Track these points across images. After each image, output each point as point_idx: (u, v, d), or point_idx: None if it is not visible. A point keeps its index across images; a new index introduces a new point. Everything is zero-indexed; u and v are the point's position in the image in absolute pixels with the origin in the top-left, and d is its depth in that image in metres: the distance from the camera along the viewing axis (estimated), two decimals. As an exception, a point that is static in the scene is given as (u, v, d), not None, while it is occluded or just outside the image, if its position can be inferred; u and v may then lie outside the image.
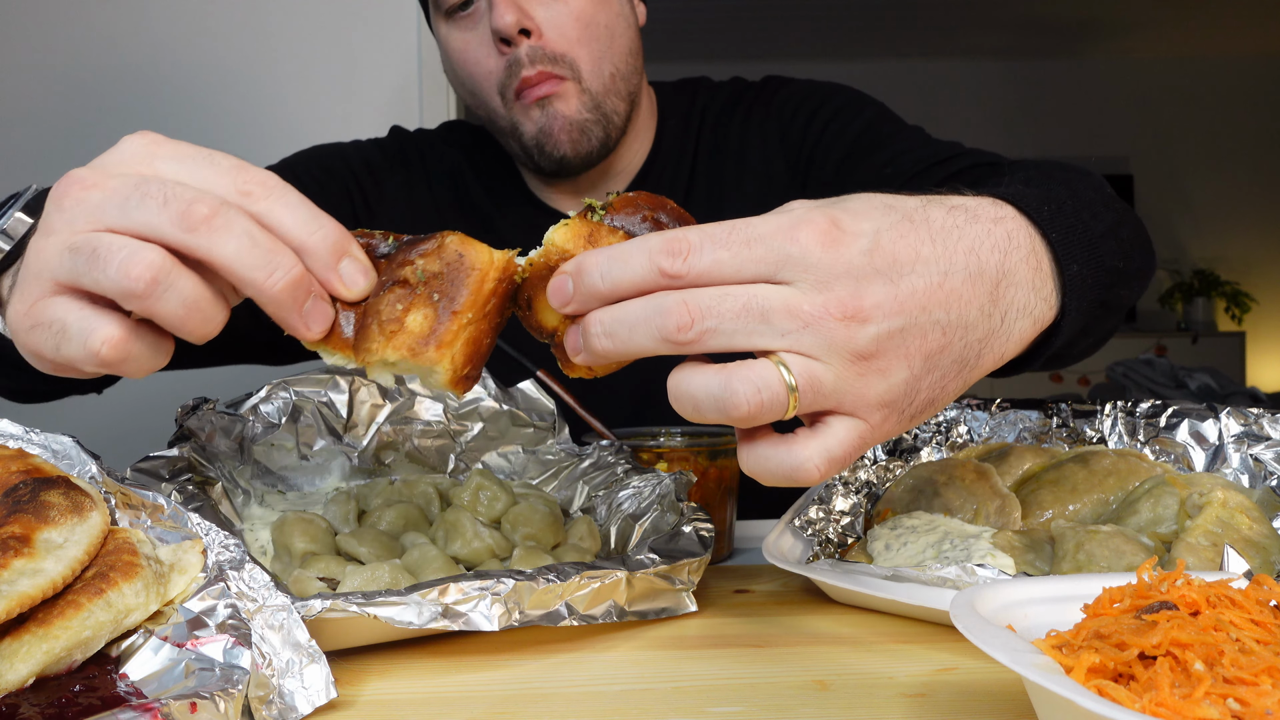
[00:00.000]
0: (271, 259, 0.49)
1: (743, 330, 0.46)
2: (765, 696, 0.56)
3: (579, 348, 0.51)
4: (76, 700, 0.49)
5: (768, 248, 0.47)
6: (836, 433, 0.48)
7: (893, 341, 0.47)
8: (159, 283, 0.48)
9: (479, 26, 1.08)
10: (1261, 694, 0.39)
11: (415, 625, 0.58)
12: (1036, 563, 0.73)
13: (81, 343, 0.50)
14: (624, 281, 0.48)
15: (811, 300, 0.46)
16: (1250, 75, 5.96)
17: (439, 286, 0.52)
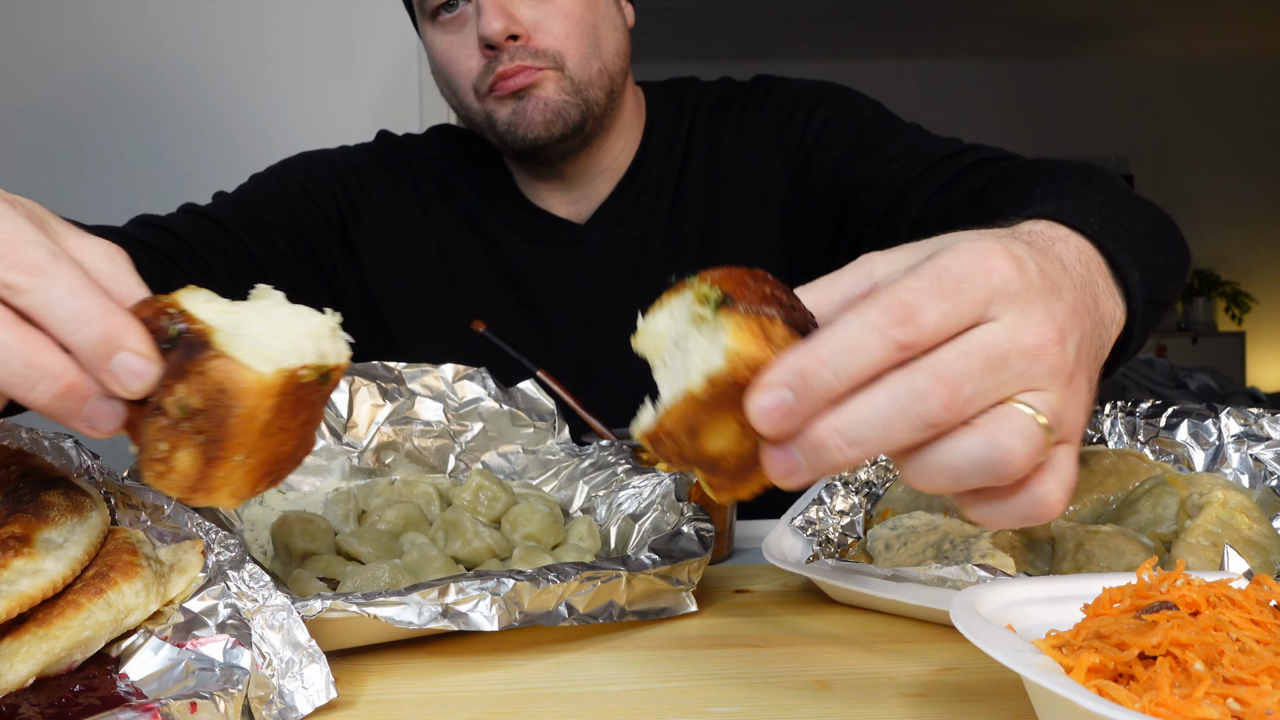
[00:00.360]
0: (31, 374, 0.45)
1: (993, 385, 0.43)
2: (765, 696, 0.56)
3: (795, 467, 0.44)
4: (76, 700, 0.49)
5: (976, 287, 0.44)
6: (1063, 459, 0.45)
7: (1080, 355, 0.46)
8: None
9: (464, 30, 1.08)
10: (1261, 694, 0.39)
11: (415, 625, 0.58)
12: (1036, 563, 0.73)
13: None
14: (862, 372, 0.42)
15: (1029, 331, 0.44)
16: (1250, 75, 5.97)
17: (202, 425, 0.45)
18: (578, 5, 1.07)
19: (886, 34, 5.46)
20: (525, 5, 1.05)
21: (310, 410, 0.48)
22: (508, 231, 1.20)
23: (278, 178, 1.18)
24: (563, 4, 1.06)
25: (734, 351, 0.43)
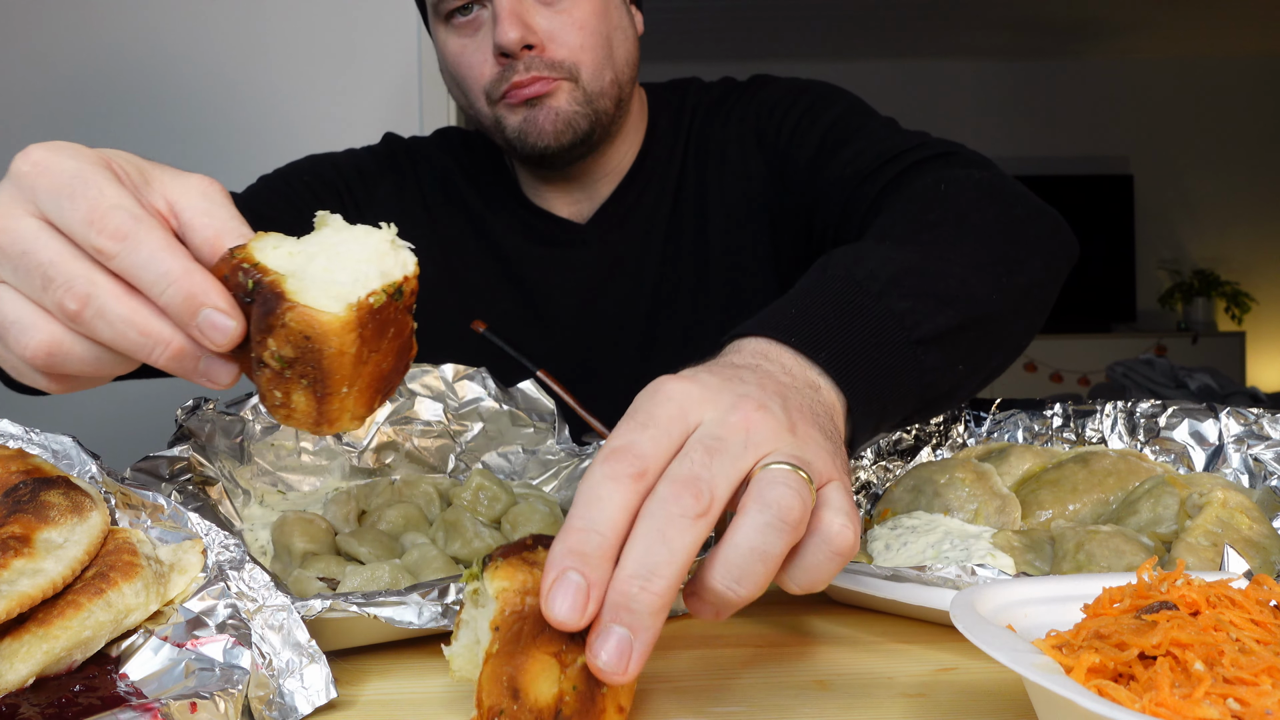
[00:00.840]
0: (145, 340, 0.50)
1: (728, 465, 0.47)
2: (765, 696, 0.56)
3: (625, 643, 0.44)
4: (76, 700, 0.49)
5: (666, 407, 0.49)
6: (834, 494, 0.50)
7: (791, 412, 0.51)
8: (54, 355, 0.51)
9: (478, 34, 1.08)
10: (1261, 694, 0.39)
11: (415, 625, 0.58)
12: (1036, 563, 0.73)
13: (31, 380, 0.54)
14: (618, 516, 0.45)
15: (728, 412, 0.49)
16: (1250, 75, 5.96)
17: (302, 370, 0.48)
18: (593, 16, 1.07)
19: (886, 34, 5.45)
20: (541, 15, 1.06)
21: (396, 326, 0.50)
22: (509, 232, 1.21)
23: (285, 178, 1.19)
24: (578, 15, 1.07)
25: (501, 588, 0.45)
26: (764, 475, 0.47)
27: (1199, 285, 5.90)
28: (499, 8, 1.04)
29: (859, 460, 0.89)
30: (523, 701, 0.46)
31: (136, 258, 0.49)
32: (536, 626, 0.46)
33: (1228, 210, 6.02)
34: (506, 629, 0.46)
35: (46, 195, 0.51)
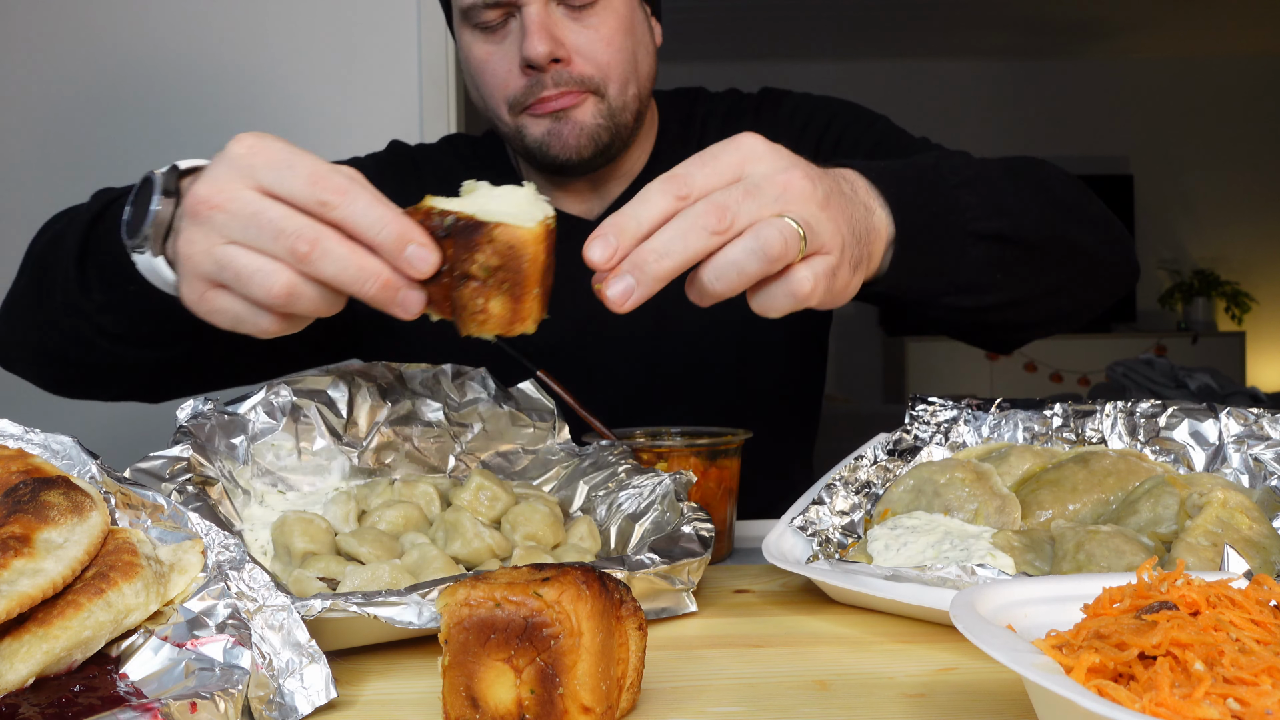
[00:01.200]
0: (361, 273, 0.63)
1: (755, 206, 0.62)
2: (765, 696, 0.56)
3: (628, 286, 0.61)
4: (76, 700, 0.49)
5: (730, 154, 0.64)
6: (819, 261, 0.65)
7: (831, 195, 0.66)
8: (292, 294, 0.64)
9: (504, 43, 1.08)
10: (1261, 694, 0.39)
11: (415, 625, 0.58)
12: (1036, 563, 0.73)
13: (255, 325, 0.67)
14: (654, 217, 0.62)
15: (779, 172, 0.64)
16: (1250, 75, 5.96)
17: (505, 277, 0.63)
18: (619, 32, 1.08)
19: (886, 34, 5.45)
20: (569, 29, 1.06)
21: (552, 259, 0.65)
22: None
23: None
24: (606, 30, 1.07)
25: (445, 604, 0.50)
26: (773, 220, 0.62)
27: (1199, 285, 5.90)
28: (528, 20, 1.04)
29: (859, 460, 0.89)
30: (484, 709, 0.49)
31: (355, 207, 0.62)
32: (481, 635, 0.49)
33: (1228, 210, 6.02)
34: (454, 640, 0.49)
35: (266, 168, 0.63)
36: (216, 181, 0.65)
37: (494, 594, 0.49)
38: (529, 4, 1.04)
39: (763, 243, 0.62)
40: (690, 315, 1.17)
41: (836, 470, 0.87)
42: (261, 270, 0.63)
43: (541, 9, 1.04)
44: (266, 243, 0.63)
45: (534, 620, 0.48)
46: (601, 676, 0.50)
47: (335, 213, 0.62)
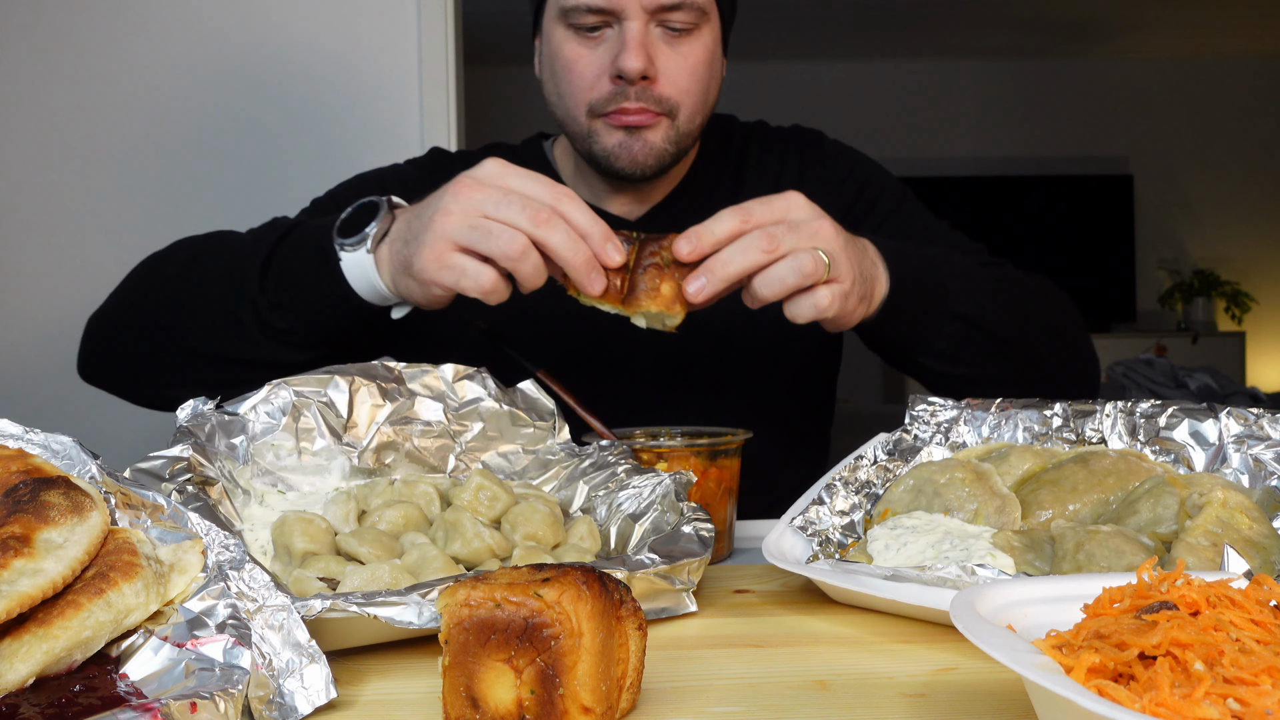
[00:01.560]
0: (576, 249, 0.84)
1: (794, 238, 0.86)
2: (765, 697, 0.56)
3: (701, 283, 0.85)
4: (76, 700, 0.49)
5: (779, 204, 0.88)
6: (836, 288, 0.88)
7: (849, 244, 0.91)
8: (523, 255, 0.84)
9: (598, 49, 1.11)
10: (1261, 694, 0.39)
11: (415, 625, 0.58)
12: (1036, 563, 0.73)
13: (475, 280, 0.86)
14: (724, 235, 0.85)
15: (813, 219, 0.88)
16: (1250, 75, 5.96)
17: (676, 270, 0.86)
18: (702, 64, 1.13)
19: (887, 34, 5.45)
20: (662, 51, 1.11)
21: None
22: None
23: (334, 199, 1.25)
24: (692, 60, 1.12)
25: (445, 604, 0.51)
26: (807, 251, 0.86)
27: (1199, 285, 5.90)
28: (629, 35, 1.08)
29: (859, 460, 0.89)
30: (484, 709, 0.49)
31: (575, 208, 0.85)
32: (481, 635, 0.49)
33: (1228, 210, 6.02)
34: (454, 641, 0.49)
35: (513, 176, 0.86)
36: (479, 176, 0.86)
37: (494, 594, 0.49)
38: (633, 19, 1.09)
39: (799, 264, 0.85)
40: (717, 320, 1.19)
41: (836, 470, 0.87)
42: (508, 230, 0.83)
43: (643, 27, 1.09)
44: (514, 214, 0.84)
45: (534, 621, 0.48)
46: (601, 677, 0.50)
47: (562, 209, 0.84)
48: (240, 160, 2.19)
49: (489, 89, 5.47)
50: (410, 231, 0.88)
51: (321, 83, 2.20)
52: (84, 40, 2.16)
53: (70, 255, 2.19)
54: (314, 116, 2.20)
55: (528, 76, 1.36)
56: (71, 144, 2.18)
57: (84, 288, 2.19)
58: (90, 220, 2.19)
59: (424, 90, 2.19)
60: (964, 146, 5.94)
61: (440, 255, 0.85)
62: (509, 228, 0.83)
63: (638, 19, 1.08)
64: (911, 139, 5.88)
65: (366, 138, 2.21)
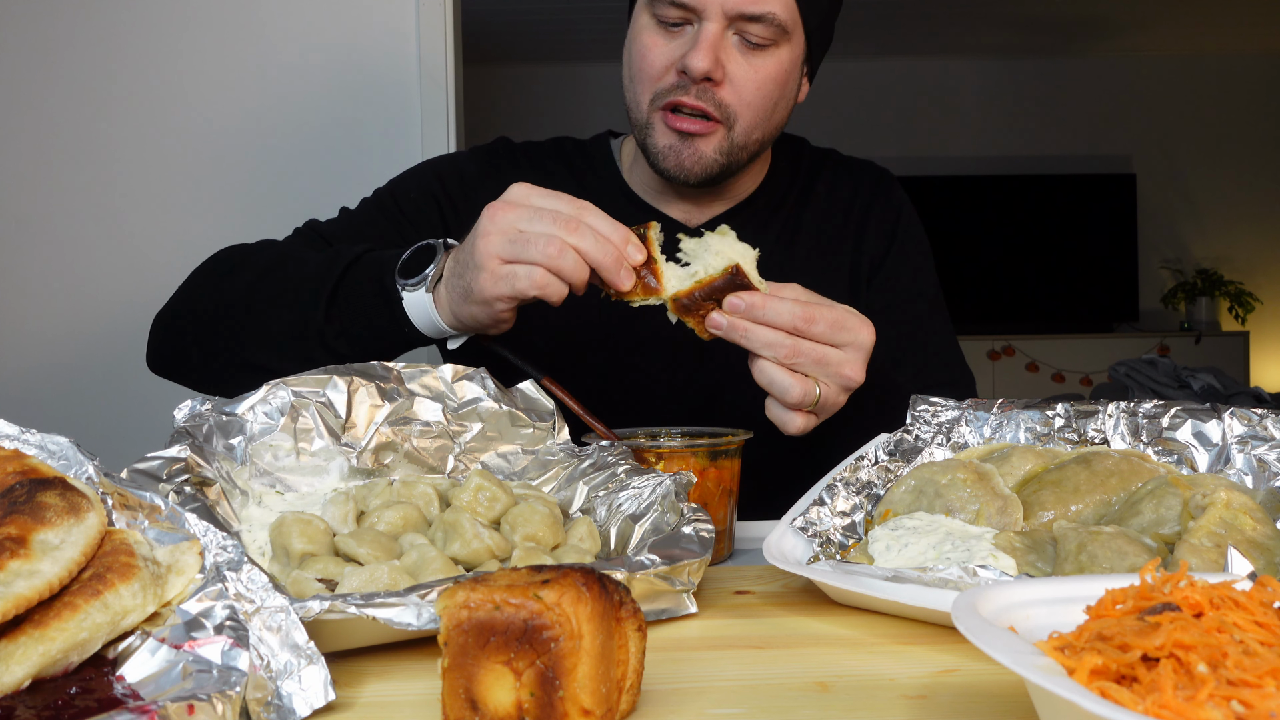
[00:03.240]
0: (606, 249, 0.90)
1: (811, 367, 0.92)
2: (766, 698, 0.56)
3: (722, 329, 0.91)
4: (73, 702, 0.49)
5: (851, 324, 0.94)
6: (810, 419, 0.95)
7: (854, 388, 0.96)
8: (562, 253, 0.90)
9: (674, 41, 1.12)
10: (1266, 696, 0.39)
11: (414, 627, 0.58)
12: (1038, 564, 0.72)
13: (529, 279, 0.91)
14: (774, 318, 0.91)
15: (851, 363, 0.93)
16: (1254, 74, 5.95)
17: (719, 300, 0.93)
18: (771, 81, 1.14)
19: (889, 32, 5.45)
20: (734, 58, 1.12)
21: None
22: None
23: (392, 194, 1.28)
24: (763, 74, 1.13)
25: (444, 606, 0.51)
26: (811, 381, 0.93)
27: (1202, 285, 5.89)
28: (703, 36, 1.09)
29: (860, 460, 0.89)
30: (483, 712, 0.49)
31: (598, 218, 0.92)
32: (481, 637, 0.48)
33: (1231, 209, 6.01)
34: (454, 643, 0.49)
35: (537, 196, 0.93)
36: (506, 198, 0.93)
37: (493, 596, 0.49)
38: (711, 21, 1.09)
39: (798, 392, 0.92)
40: None
41: (837, 471, 0.87)
42: (545, 237, 0.90)
43: (720, 30, 1.10)
44: (546, 225, 0.91)
45: (534, 622, 0.48)
46: (601, 679, 0.50)
47: (586, 219, 0.91)
48: (240, 160, 2.19)
49: (489, 89, 5.47)
50: (460, 265, 0.95)
51: (321, 82, 2.20)
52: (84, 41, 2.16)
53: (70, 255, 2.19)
54: (314, 116, 2.20)
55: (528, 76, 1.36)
56: (72, 145, 2.18)
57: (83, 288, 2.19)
58: (90, 220, 2.19)
59: (424, 90, 2.19)
60: (966, 145, 5.93)
61: (492, 271, 0.92)
62: (544, 234, 0.90)
63: (716, 22, 1.09)
64: (913, 138, 5.88)
65: (366, 137, 2.20)
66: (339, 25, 2.19)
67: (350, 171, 2.20)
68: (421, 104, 2.19)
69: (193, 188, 2.20)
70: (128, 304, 2.15)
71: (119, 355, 2.12)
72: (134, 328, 1.20)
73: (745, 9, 1.09)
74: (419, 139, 2.19)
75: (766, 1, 1.10)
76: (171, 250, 2.20)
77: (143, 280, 2.18)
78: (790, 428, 0.94)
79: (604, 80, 5.54)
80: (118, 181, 2.19)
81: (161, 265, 2.19)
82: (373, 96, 2.20)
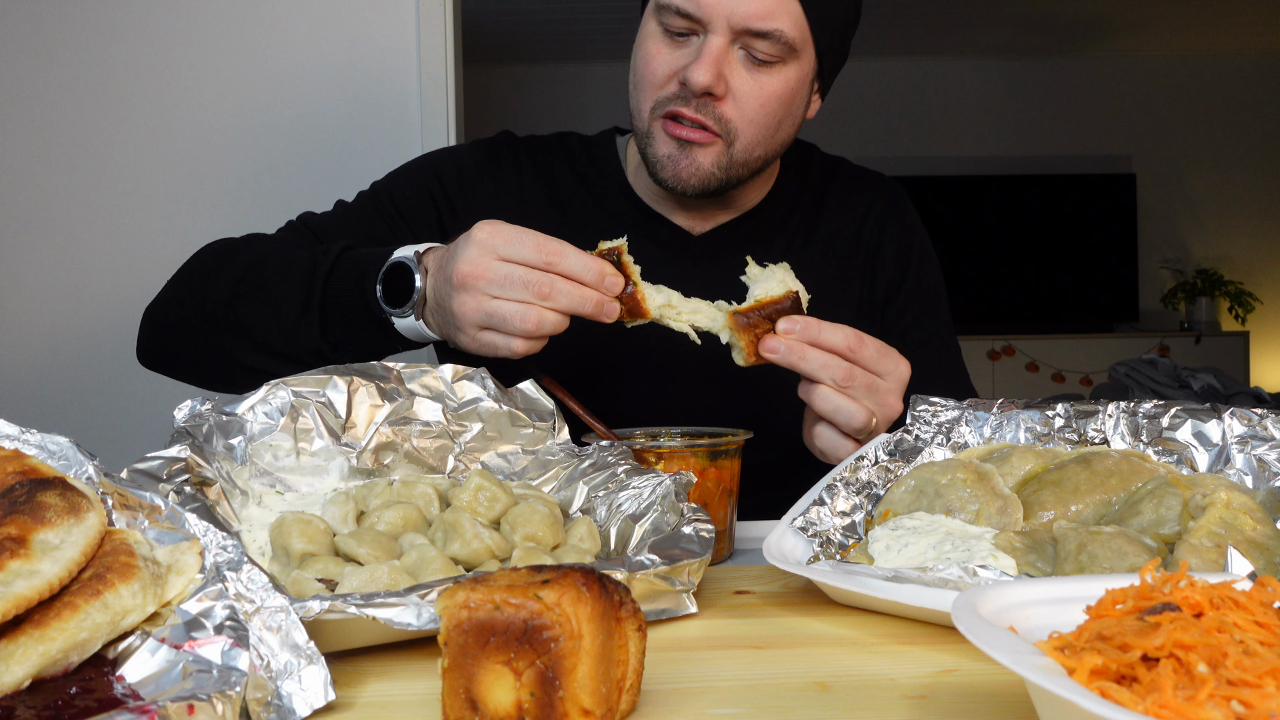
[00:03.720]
0: (583, 299, 0.91)
1: (864, 394, 0.95)
2: (766, 698, 0.56)
3: (777, 353, 0.93)
4: (73, 702, 0.49)
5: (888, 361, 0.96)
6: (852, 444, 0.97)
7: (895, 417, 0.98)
8: (541, 322, 0.91)
9: (678, 52, 1.10)
10: (1266, 696, 0.39)
11: (414, 627, 0.58)
12: (1038, 564, 0.72)
13: (510, 350, 0.93)
14: (828, 342, 0.93)
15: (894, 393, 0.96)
16: (1254, 73, 5.95)
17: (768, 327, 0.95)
18: (776, 99, 1.11)
19: (888, 32, 5.45)
20: (737, 73, 1.09)
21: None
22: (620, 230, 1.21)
23: (389, 190, 1.26)
24: (767, 91, 1.10)
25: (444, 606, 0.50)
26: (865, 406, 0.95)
27: (1202, 285, 5.89)
28: (706, 49, 1.07)
29: (860, 460, 0.88)
30: (483, 712, 0.49)
31: (570, 259, 0.91)
32: (481, 638, 0.48)
33: (1231, 209, 6.01)
34: (454, 643, 0.49)
35: (504, 244, 0.91)
36: (471, 260, 0.91)
37: (493, 596, 0.49)
38: (716, 34, 1.07)
39: (855, 416, 0.94)
40: None
41: (837, 470, 0.87)
42: (519, 312, 0.90)
43: (725, 44, 1.07)
44: (518, 293, 0.90)
45: (534, 623, 0.48)
46: (601, 679, 0.50)
47: (558, 266, 0.91)
48: (240, 159, 2.19)
49: (489, 89, 5.47)
50: (442, 311, 0.96)
51: (321, 82, 2.20)
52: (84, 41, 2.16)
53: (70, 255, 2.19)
54: (313, 115, 2.20)
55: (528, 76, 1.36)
56: (73, 145, 2.18)
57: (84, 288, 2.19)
58: (90, 220, 2.19)
59: (423, 90, 2.19)
60: (966, 145, 5.93)
61: (474, 338, 0.94)
62: (518, 305, 0.90)
63: (721, 35, 1.06)
64: (912, 138, 5.87)
65: (366, 137, 2.20)
66: (339, 25, 2.19)
67: (350, 171, 2.20)
68: (421, 104, 2.19)
69: (193, 188, 2.20)
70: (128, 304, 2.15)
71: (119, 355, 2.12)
72: (134, 328, 1.20)
73: (752, 24, 1.06)
74: (419, 139, 2.19)
75: (775, 18, 1.06)
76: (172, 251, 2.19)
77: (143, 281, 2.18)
78: (840, 454, 0.95)
79: (604, 80, 5.54)
80: (118, 182, 2.19)
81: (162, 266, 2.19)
82: (373, 96, 2.20)
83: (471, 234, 0.92)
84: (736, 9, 1.05)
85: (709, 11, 1.06)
